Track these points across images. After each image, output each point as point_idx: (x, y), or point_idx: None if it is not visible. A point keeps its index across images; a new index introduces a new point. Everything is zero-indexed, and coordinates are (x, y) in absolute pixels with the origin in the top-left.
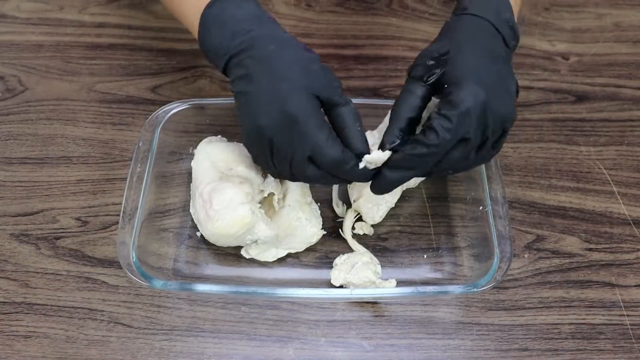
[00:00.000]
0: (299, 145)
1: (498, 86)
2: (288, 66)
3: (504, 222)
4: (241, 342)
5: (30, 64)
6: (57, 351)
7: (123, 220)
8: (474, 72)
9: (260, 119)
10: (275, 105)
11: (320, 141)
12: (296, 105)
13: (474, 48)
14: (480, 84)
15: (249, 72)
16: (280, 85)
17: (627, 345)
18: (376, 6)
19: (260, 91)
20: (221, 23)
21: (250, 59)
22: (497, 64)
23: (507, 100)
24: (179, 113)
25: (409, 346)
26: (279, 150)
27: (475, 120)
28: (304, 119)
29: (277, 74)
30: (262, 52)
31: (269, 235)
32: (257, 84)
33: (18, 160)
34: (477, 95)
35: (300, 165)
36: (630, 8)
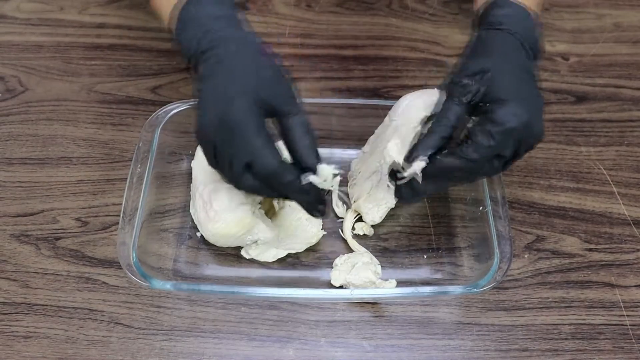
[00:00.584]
0: (236, 152)
1: (535, 106)
2: (238, 69)
3: (504, 222)
4: (241, 343)
5: (30, 65)
6: (57, 351)
7: (123, 220)
8: (516, 92)
9: (204, 119)
10: (217, 108)
11: (256, 149)
12: (237, 109)
13: (513, 67)
14: (522, 105)
15: (205, 71)
16: (227, 87)
17: (627, 346)
18: (376, 7)
19: (208, 92)
20: (195, 22)
21: (211, 58)
22: (532, 82)
23: (541, 120)
24: (179, 114)
25: (409, 346)
26: (221, 154)
27: (514, 140)
28: (243, 125)
29: (228, 76)
30: (221, 52)
31: (269, 235)
32: (207, 85)
33: (18, 161)
34: (521, 116)
35: (238, 173)
36: (630, 8)
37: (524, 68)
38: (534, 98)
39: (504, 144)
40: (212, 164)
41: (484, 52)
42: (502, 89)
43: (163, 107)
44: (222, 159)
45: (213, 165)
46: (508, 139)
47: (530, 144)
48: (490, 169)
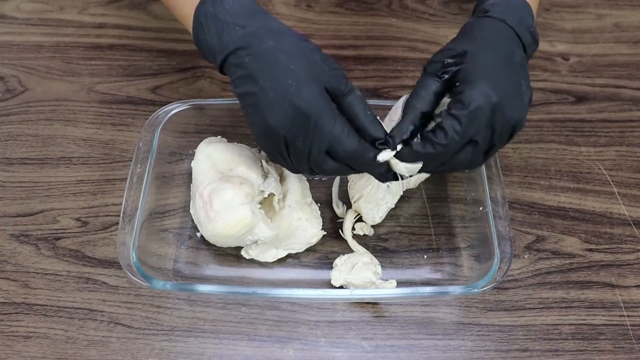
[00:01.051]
0: (315, 140)
1: (511, 91)
2: (291, 60)
3: (504, 222)
4: (241, 343)
5: (30, 65)
6: (57, 352)
7: (123, 220)
8: (489, 73)
9: (271, 118)
10: (285, 103)
11: (337, 134)
12: (307, 99)
13: (492, 51)
14: (492, 86)
15: (251, 71)
16: (286, 81)
17: (627, 346)
18: (376, 7)
19: (267, 90)
20: (214, 19)
21: (250, 56)
22: (513, 69)
23: (519, 105)
24: (179, 114)
25: (409, 347)
26: (295, 147)
27: (484, 123)
28: (317, 113)
29: (281, 70)
30: (260, 48)
31: (269, 235)
32: (262, 83)
33: (18, 161)
34: (488, 96)
35: (318, 160)
36: (631, 8)
37: (507, 54)
38: (512, 83)
39: (471, 127)
40: (283, 163)
41: (467, 36)
42: (475, 70)
43: (163, 107)
44: (297, 153)
45: (283, 164)
46: (475, 122)
47: (506, 131)
48: (467, 159)
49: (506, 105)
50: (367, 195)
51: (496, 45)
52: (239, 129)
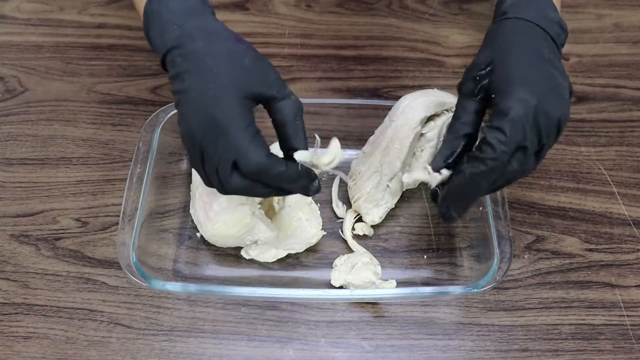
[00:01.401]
0: (222, 151)
1: (547, 88)
2: (216, 63)
3: (504, 222)
4: (241, 343)
5: (30, 65)
6: (57, 352)
7: (123, 221)
8: (520, 77)
9: (190, 122)
10: (202, 108)
11: (242, 146)
12: (221, 107)
13: (518, 52)
14: (527, 89)
15: (179, 70)
16: (207, 85)
17: (627, 346)
18: (376, 7)
19: (189, 92)
20: (158, 17)
21: (181, 56)
22: (544, 65)
23: (559, 101)
24: None
25: (409, 347)
26: (208, 156)
27: (528, 127)
28: (227, 122)
29: (205, 73)
30: (191, 48)
31: (268, 236)
32: (187, 84)
33: (18, 161)
34: (527, 101)
35: (225, 174)
36: (631, 9)
37: (534, 51)
38: (547, 80)
39: (517, 134)
40: (197, 167)
41: (490, 44)
42: (504, 77)
43: (163, 107)
44: (209, 163)
45: (197, 169)
46: (519, 128)
47: (552, 129)
48: (520, 166)
49: (546, 104)
50: (367, 195)
51: (520, 45)
52: None
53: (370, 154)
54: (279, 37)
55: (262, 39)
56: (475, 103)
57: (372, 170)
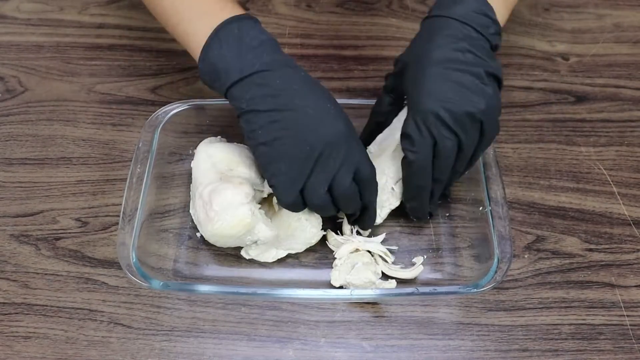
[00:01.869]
0: (346, 160)
1: (452, 87)
2: (319, 89)
3: (504, 222)
4: (241, 343)
5: (30, 65)
6: (57, 352)
7: (123, 221)
8: (424, 82)
9: (308, 134)
10: (325, 122)
11: (364, 157)
12: (343, 122)
13: (430, 54)
14: (428, 94)
15: (280, 90)
16: (325, 104)
17: (627, 346)
18: (376, 7)
19: (305, 108)
20: (238, 40)
21: (277, 79)
22: (455, 63)
23: (468, 95)
24: (179, 114)
25: (409, 347)
26: (326, 165)
27: (435, 128)
28: (352, 134)
29: (316, 93)
30: (287, 74)
31: (268, 236)
32: (299, 102)
33: (18, 161)
34: (426, 105)
35: (349, 183)
36: (630, 9)
37: (447, 50)
38: (449, 80)
39: (425, 137)
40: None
41: (412, 45)
42: (411, 84)
43: (163, 107)
44: (324, 169)
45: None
46: (425, 132)
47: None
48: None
49: (448, 103)
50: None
51: (434, 45)
52: (238, 129)
53: (377, 156)
54: (279, 37)
55: None
56: (390, 98)
57: (379, 171)
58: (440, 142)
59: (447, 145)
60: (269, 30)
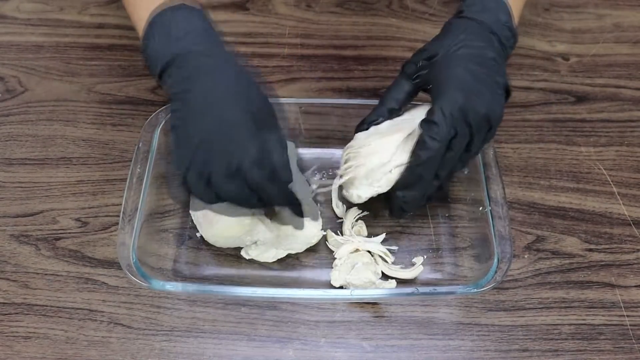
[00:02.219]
0: (240, 150)
1: (479, 87)
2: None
3: (504, 222)
4: (241, 343)
5: (30, 65)
6: (57, 352)
7: (123, 221)
8: (454, 77)
9: (197, 121)
10: (214, 109)
11: (264, 145)
12: (235, 110)
13: (461, 52)
14: (459, 88)
15: (186, 76)
16: (217, 91)
17: (627, 346)
18: (376, 7)
19: (196, 96)
20: (167, 30)
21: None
22: (483, 66)
23: (490, 100)
24: None
25: (409, 347)
26: (203, 158)
27: (458, 121)
28: (241, 123)
29: (213, 80)
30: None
31: (268, 236)
32: (196, 87)
33: (18, 161)
34: (456, 99)
35: (225, 175)
36: (630, 9)
37: (477, 52)
38: (478, 80)
39: (449, 127)
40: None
41: (442, 37)
42: (441, 75)
43: (163, 107)
44: (215, 162)
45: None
46: (449, 123)
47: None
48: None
49: (474, 102)
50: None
51: (465, 45)
52: None
53: (387, 133)
54: (279, 37)
55: (262, 39)
56: (410, 85)
57: (385, 149)
58: (459, 136)
59: (462, 141)
60: (268, 30)
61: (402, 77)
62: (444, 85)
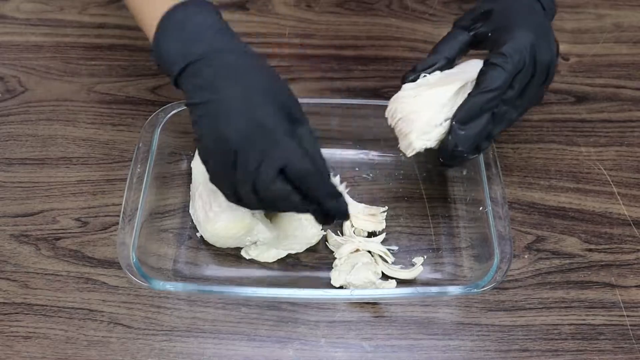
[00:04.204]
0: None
1: (542, 34)
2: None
3: (504, 222)
4: (241, 343)
5: (30, 65)
6: (57, 352)
7: (123, 221)
8: (522, 20)
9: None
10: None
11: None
12: (267, 111)
13: (518, 7)
14: (526, 29)
15: (210, 81)
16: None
17: (627, 346)
18: (376, 7)
19: (224, 99)
20: (181, 29)
21: (210, 68)
22: (539, 18)
23: (551, 46)
24: (179, 114)
25: (409, 347)
26: (245, 162)
27: (527, 56)
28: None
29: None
30: (222, 61)
31: (268, 236)
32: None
33: (18, 161)
34: (526, 35)
35: (270, 178)
36: (630, 9)
37: (530, 9)
38: (543, 29)
39: (518, 59)
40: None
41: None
42: (505, 21)
43: (163, 107)
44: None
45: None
46: (519, 55)
47: (544, 66)
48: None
49: (541, 45)
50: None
51: (520, 3)
52: None
53: (436, 86)
54: (279, 37)
55: (262, 39)
56: (466, 36)
57: (436, 101)
58: (523, 73)
59: (524, 80)
60: (268, 30)
61: (456, 29)
62: (511, 28)
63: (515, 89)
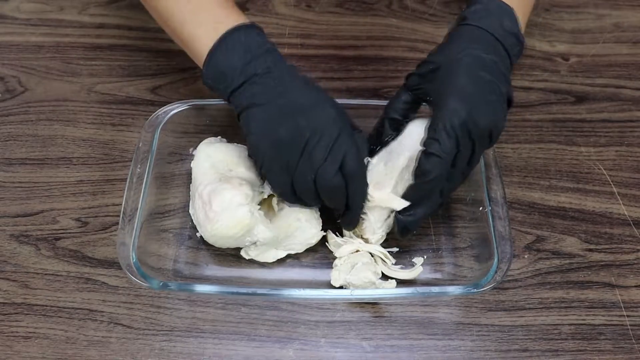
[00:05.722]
0: (332, 149)
1: (481, 100)
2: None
3: (503, 222)
4: (241, 343)
5: (30, 65)
6: (57, 352)
7: (123, 221)
8: (460, 84)
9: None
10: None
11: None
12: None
13: (464, 61)
14: (461, 101)
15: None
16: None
17: (627, 346)
18: (376, 7)
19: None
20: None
21: (273, 78)
22: (484, 76)
23: (492, 112)
24: (179, 114)
25: (409, 347)
26: (312, 152)
27: (461, 137)
28: (340, 121)
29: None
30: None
31: (268, 237)
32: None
33: (18, 161)
34: (459, 110)
35: (332, 172)
36: (630, 9)
37: (480, 62)
38: (482, 93)
39: (452, 144)
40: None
41: (445, 47)
42: (446, 81)
43: (163, 107)
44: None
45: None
46: (453, 139)
47: (484, 136)
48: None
49: (476, 115)
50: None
51: (469, 53)
52: (238, 130)
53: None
54: (279, 37)
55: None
56: (412, 96)
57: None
58: (462, 152)
59: (465, 157)
60: (268, 30)
61: (403, 89)
62: (445, 97)
63: (457, 166)
